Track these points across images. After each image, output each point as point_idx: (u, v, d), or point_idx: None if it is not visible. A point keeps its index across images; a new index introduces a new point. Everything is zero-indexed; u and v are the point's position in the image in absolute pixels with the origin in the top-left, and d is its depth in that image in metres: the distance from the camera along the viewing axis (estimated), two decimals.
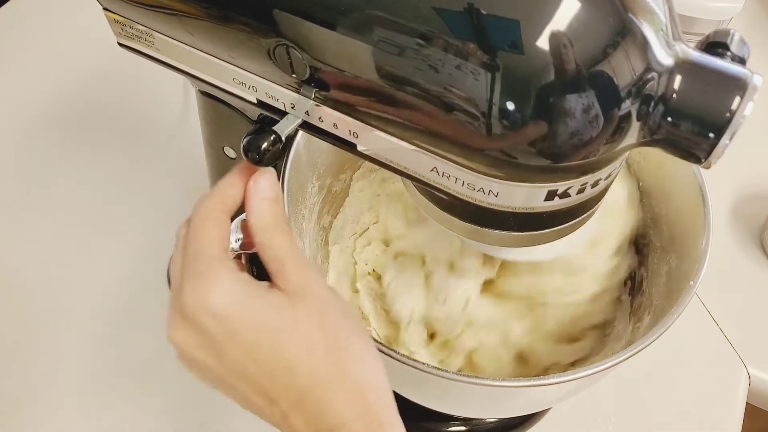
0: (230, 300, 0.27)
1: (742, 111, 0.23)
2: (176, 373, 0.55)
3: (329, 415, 0.27)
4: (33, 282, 0.60)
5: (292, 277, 0.28)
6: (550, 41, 0.22)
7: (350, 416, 0.27)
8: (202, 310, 0.27)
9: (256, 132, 0.29)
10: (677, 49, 0.25)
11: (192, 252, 0.28)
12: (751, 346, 0.58)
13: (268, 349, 0.27)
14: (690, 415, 0.54)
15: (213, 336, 0.27)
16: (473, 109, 0.24)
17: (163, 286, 0.63)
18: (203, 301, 0.27)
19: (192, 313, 0.27)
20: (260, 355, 0.27)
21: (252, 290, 0.28)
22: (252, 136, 0.29)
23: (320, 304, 0.28)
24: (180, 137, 0.71)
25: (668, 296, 0.42)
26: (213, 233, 0.29)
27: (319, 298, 0.28)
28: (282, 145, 0.30)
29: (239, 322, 0.27)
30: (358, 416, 0.27)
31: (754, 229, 0.66)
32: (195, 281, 0.27)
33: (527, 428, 0.53)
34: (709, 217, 0.40)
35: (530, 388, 0.34)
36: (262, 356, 0.27)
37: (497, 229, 0.30)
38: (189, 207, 0.30)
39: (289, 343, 0.27)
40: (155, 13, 0.31)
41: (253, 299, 0.27)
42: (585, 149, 0.25)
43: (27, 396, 0.53)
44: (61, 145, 0.70)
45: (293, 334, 0.27)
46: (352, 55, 0.26)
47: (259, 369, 0.27)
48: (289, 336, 0.27)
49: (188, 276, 0.28)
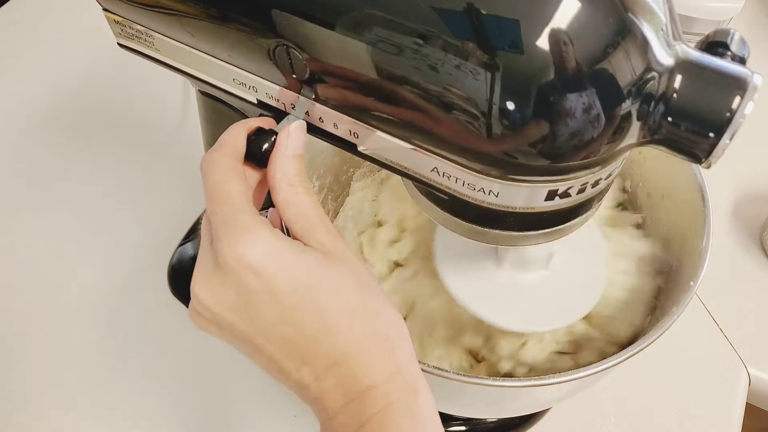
0: (272, 256, 0.26)
1: (742, 111, 0.23)
2: (177, 373, 0.55)
3: (364, 377, 0.26)
4: (33, 282, 0.60)
5: (323, 237, 0.27)
6: (550, 41, 0.22)
7: (384, 377, 0.27)
8: (242, 265, 0.25)
9: (258, 133, 0.29)
10: (677, 48, 0.25)
11: (225, 207, 0.27)
12: (751, 346, 0.58)
13: (309, 310, 0.26)
14: (690, 415, 0.54)
15: (251, 293, 0.26)
16: (473, 109, 0.24)
17: (163, 286, 0.63)
18: (244, 255, 0.25)
19: (230, 266, 0.25)
20: (300, 316, 0.26)
21: (292, 247, 0.26)
22: (253, 137, 0.29)
23: (353, 266, 0.28)
24: (180, 137, 0.71)
25: (668, 296, 0.42)
26: (239, 187, 0.27)
27: (350, 260, 0.28)
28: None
29: (281, 279, 0.26)
30: (391, 376, 0.27)
31: (754, 229, 0.66)
32: (234, 234, 0.26)
33: (527, 428, 0.53)
34: (709, 217, 0.40)
35: (530, 388, 0.34)
36: (303, 317, 0.26)
37: (498, 229, 0.30)
38: (189, 207, 0.30)
39: (332, 306, 0.26)
40: (155, 14, 0.31)
41: (294, 257, 0.26)
42: (585, 149, 0.25)
43: (27, 396, 0.53)
44: (61, 145, 0.70)
45: (337, 297, 0.26)
46: (352, 55, 0.26)
47: (297, 331, 0.26)
48: (332, 299, 0.26)
49: (225, 230, 0.26)
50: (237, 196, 0.27)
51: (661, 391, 0.56)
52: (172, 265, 0.61)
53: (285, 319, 0.26)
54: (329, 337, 0.26)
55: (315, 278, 0.26)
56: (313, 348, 0.26)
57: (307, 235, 0.28)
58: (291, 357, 0.27)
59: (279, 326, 0.26)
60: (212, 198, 0.27)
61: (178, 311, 0.58)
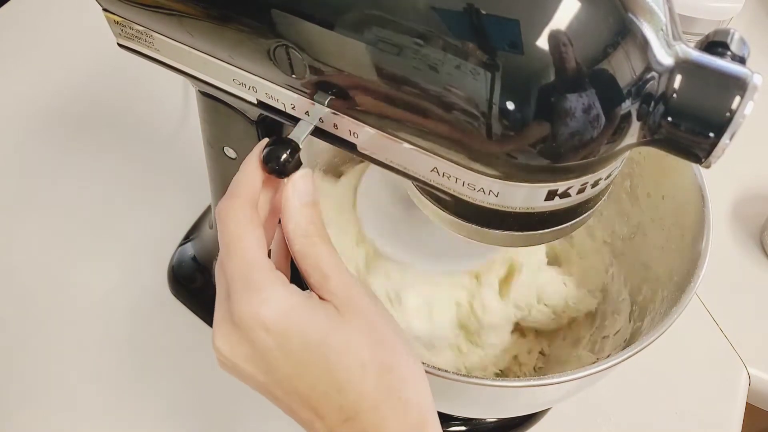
0: (284, 314, 0.26)
1: (742, 110, 0.23)
2: (177, 373, 0.55)
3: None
4: (33, 282, 0.60)
5: (338, 289, 0.28)
6: (550, 41, 0.22)
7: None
8: (256, 323, 0.26)
9: (275, 143, 0.28)
10: (677, 48, 0.25)
11: (240, 263, 0.27)
12: (751, 346, 0.58)
13: (321, 367, 0.27)
14: (690, 415, 0.54)
15: (265, 350, 0.26)
16: (473, 110, 0.24)
17: (163, 286, 0.63)
18: (257, 314, 0.26)
19: (245, 324, 0.26)
20: (312, 372, 0.27)
21: (305, 304, 0.27)
22: (271, 147, 0.28)
23: (369, 319, 0.28)
24: (180, 137, 0.71)
25: (668, 296, 0.42)
26: (253, 241, 0.27)
27: (366, 313, 0.28)
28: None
29: (292, 337, 0.26)
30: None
31: (754, 229, 0.66)
32: (247, 292, 0.26)
33: (527, 428, 0.53)
34: (709, 217, 0.40)
35: (530, 388, 0.34)
36: (314, 374, 0.27)
37: (498, 230, 0.30)
38: (189, 207, 0.30)
39: (342, 363, 0.27)
40: (155, 14, 0.31)
41: (306, 314, 0.27)
42: (585, 149, 0.25)
43: (26, 396, 0.53)
44: (61, 145, 0.70)
45: (347, 354, 0.27)
46: (352, 55, 0.26)
47: (309, 386, 0.27)
48: (342, 356, 0.27)
49: (240, 286, 0.27)
50: (252, 252, 0.27)
51: (662, 391, 0.56)
52: (172, 265, 0.61)
53: (298, 374, 0.27)
54: (341, 393, 0.27)
55: (326, 335, 0.27)
56: (326, 403, 0.27)
57: (321, 288, 0.28)
58: (306, 409, 0.27)
59: (294, 380, 0.27)
60: (227, 251, 0.28)
61: (178, 311, 0.58)
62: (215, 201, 0.51)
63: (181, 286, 0.59)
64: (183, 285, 0.59)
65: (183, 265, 0.60)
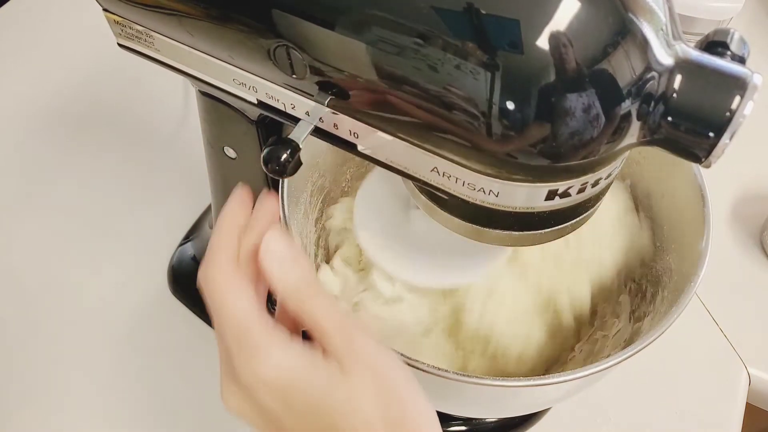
0: (284, 375, 0.26)
1: (742, 110, 0.23)
2: (177, 373, 0.55)
3: None
4: (33, 281, 0.60)
5: (339, 346, 0.27)
6: (550, 41, 0.22)
7: None
8: (257, 383, 0.26)
9: (275, 143, 0.28)
10: (677, 48, 0.25)
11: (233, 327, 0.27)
12: (751, 346, 0.58)
13: (325, 426, 0.27)
14: (690, 415, 0.54)
15: (269, 407, 0.27)
16: (473, 110, 0.24)
17: (163, 286, 0.63)
18: (257, 375, 0.26)
19: (246, 384, 0.27)
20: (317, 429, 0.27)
21: (305, 362, 0.27)
22: (271, 147, 0.28)
23: (372, 371, 0.27)
24: (180, 137, 0.71)
25: (668, 296, 0.42)
26: (242, 302, 0.27)
27: (371, 365, 0.27)
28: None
29: (295, 398, 0.26)
30: None
31: (754, 229, 0.66)
32: (245, 353, 0.27)
33: (527, 428, 0.53)
34: (709, 217, 0.40)
35: (530, 388, 0.34)
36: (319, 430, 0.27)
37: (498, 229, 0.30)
38: (189, 207, 0.30)
39: (347, 422, 0.26)
40: (155, 14, 0.31)
41: (307, 374, 0.27)
42: (585, 149, 0.25)
43: (26, 396, 0.53)
44: (61, 145, 0.70)
45: (351, 415, 0.27)
46: (352, 55, 0.26)
47: None
48: (346, 416, 0.26)
49: (238, 349, 0.27)
50: (241, 314, 0.27)
51: (661, 391, 0.56)
52: (172, 266, 0.61)
53: (305, 428, 0.27)
54: None
55: (328, 395, 0.27)
56: None
57: (323, 343, 0.28)
58: None
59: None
60: (218, 318, 0.28)
61: (178, 311, 0.58)
62: (215, 201, 0.51)
63: (181, 286, 0.59)
64: (183, 285, 0.59)
65: (183, 265, 0.60)
